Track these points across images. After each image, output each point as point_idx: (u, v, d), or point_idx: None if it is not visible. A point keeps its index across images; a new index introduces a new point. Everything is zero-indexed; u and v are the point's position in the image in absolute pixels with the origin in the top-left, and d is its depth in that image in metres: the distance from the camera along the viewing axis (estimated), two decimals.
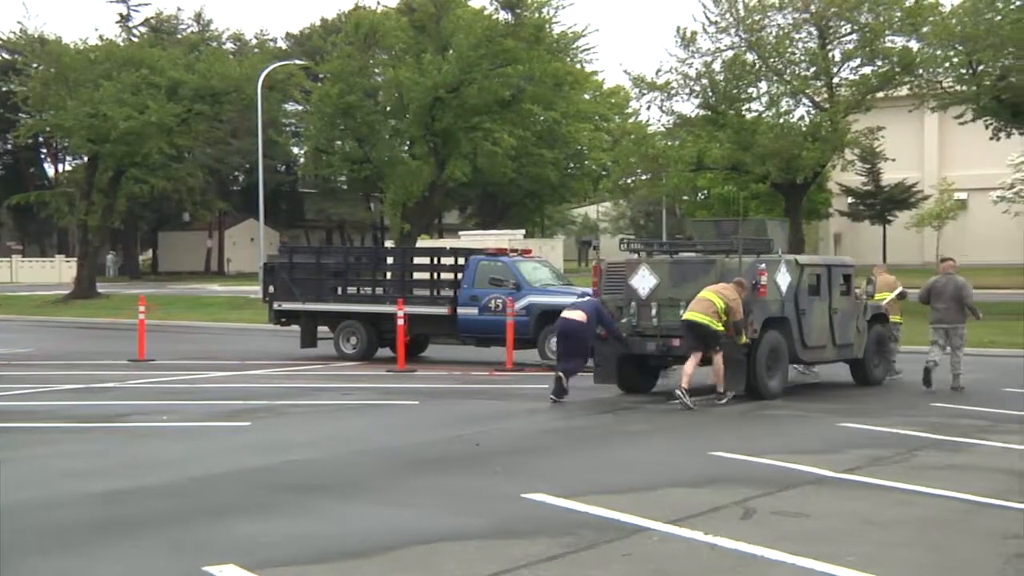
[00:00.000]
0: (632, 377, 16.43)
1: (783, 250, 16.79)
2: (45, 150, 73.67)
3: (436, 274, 22.85)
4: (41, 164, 76.31)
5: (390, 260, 25.64)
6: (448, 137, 39.78)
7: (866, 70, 35.03)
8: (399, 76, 38.17)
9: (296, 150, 69.09)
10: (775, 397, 15.50)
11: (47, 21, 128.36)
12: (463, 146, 41.31)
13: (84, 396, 16.08)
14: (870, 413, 14.12)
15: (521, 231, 60.36)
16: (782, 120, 34.91)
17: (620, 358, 16.11)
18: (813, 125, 34.41)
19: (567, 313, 15.71)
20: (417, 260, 24.33)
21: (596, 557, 7.16)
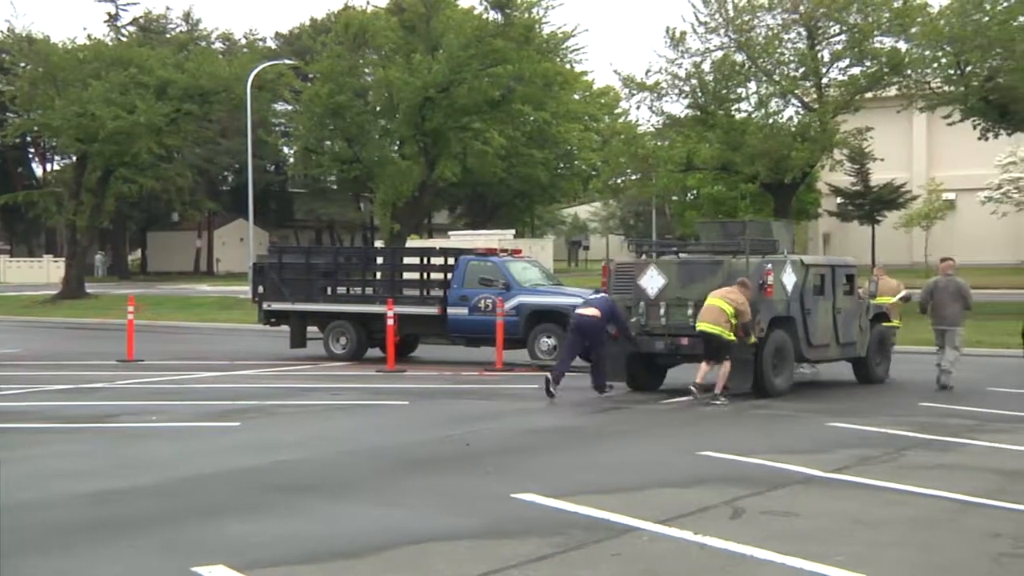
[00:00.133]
0: (640, 375, 16.76)
1: (788, 251, 17.10)
2: (33, 149, 73.46)
3: (426, 274, 22.87)
4: (29, 164, 76.08)
5: (380, 260, 25.66)
6: (438, 137, 39.77)
7: (855, 70, 35.11)
8: (389, 76, 38.14)
9: (286, 150, 68.99)
10: (781, 395, 15.79)
11: (35, 20, 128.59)
12: (453, 146, 41.31)
13: (73, 397, 16.04)
14: (859, 413, 14.16)
15: (511, 231, 60.34)
16: (771, 120, 34.95)
17: (629, 356, 16.43)
18: (802, 125, 34.46)
19: (581, 310, 16.08)
20: (407, 260, 24.33)
21: (586, 557, 7.17)
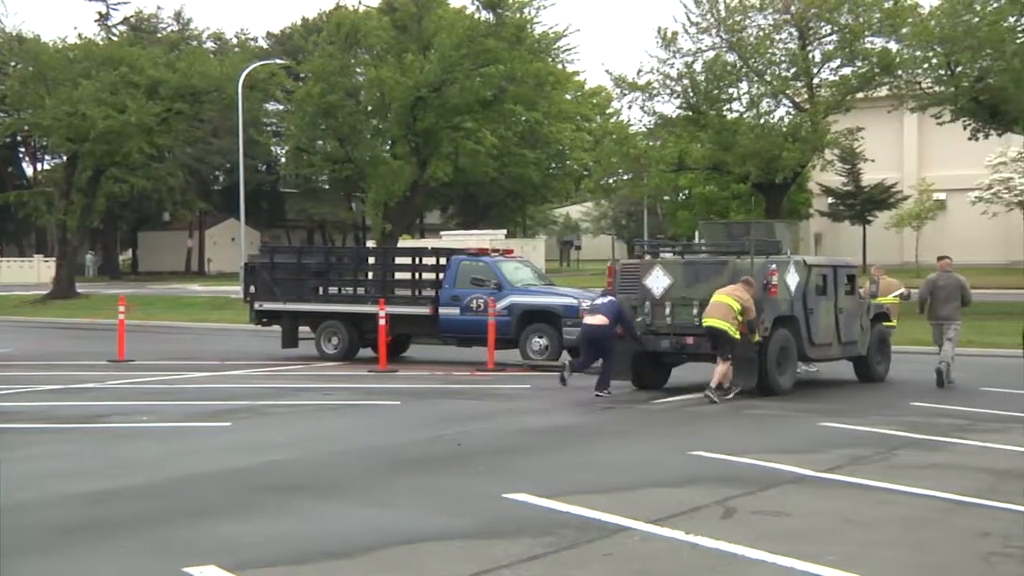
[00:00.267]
0: (645, 374, 16.96)
1: (791, 251, 17.34)
2: (23, 149, 73.26)
3: (417, 274, 22.85)
4: (19, 163, 75.84)
5: (371, 260, 25.63)
6: (430, 137, 39.75)
7: (846, 71, 35.19)
8: (381, 76, 38.10)
9: (277, 150, 68.93)
10: (785, 393, 15.97)
11: (25, 19, 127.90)
12: (444, 146, 41.29)
13: (64, 397, 15.99)
14: (850, 412, 14.18)
15: (503, 231, 60.37)
16: (763, 120, 35.01)
17: (634, 355, 16.62)
18: (793, 126, 34.51)
19: (588, 319, 16.32)
20: (398, 260, 24.33)
21: (577, 557, 7.17)
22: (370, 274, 24.13)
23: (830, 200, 54.98)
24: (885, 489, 9.28)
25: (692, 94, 35.24)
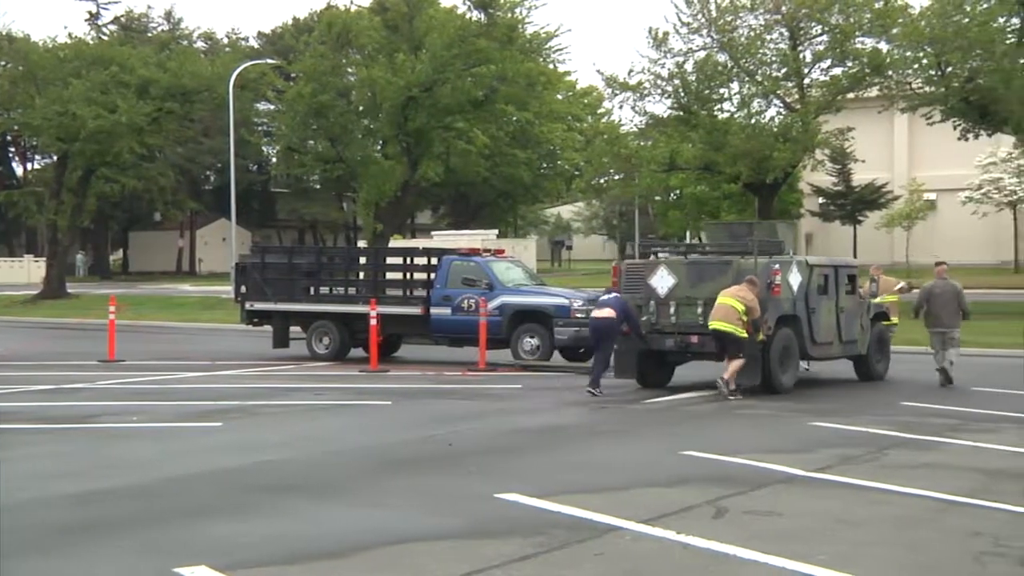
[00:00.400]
0: (649, 372, 17.16)
1: (793, 251, 17.54)
2: (13, 149, 73.00)
3: (409, 274, 22.83)
4: (9, 163, 75.57)
5: (363, 260, 25.60)
6: (421, 137, 39.72)
7: (836, 71, 35.26)
8: (372, 75, 38.06)
9: (268, 149, 68.80)
10: (788, 391, 16.18)
11: (15, 19, 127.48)
12: (436, 146, 41.25)
13: (54, 397, 15.95)
14: (841, 412, 14.21)
15: (494, 231, 60.39)
16: (753, 120, 35.05)
17: (639, 354, 16.82)
18: (784, 126, 34.57)
19: (596, 312, 16.57)
20: (390, 260, 24.32)
21: (569, 557, 7.17)
22: (361, 274, 24.11)
23: (821, 200, 55.12)
24: (876, 489, 9.30)
25: (683, 94, 35.29)
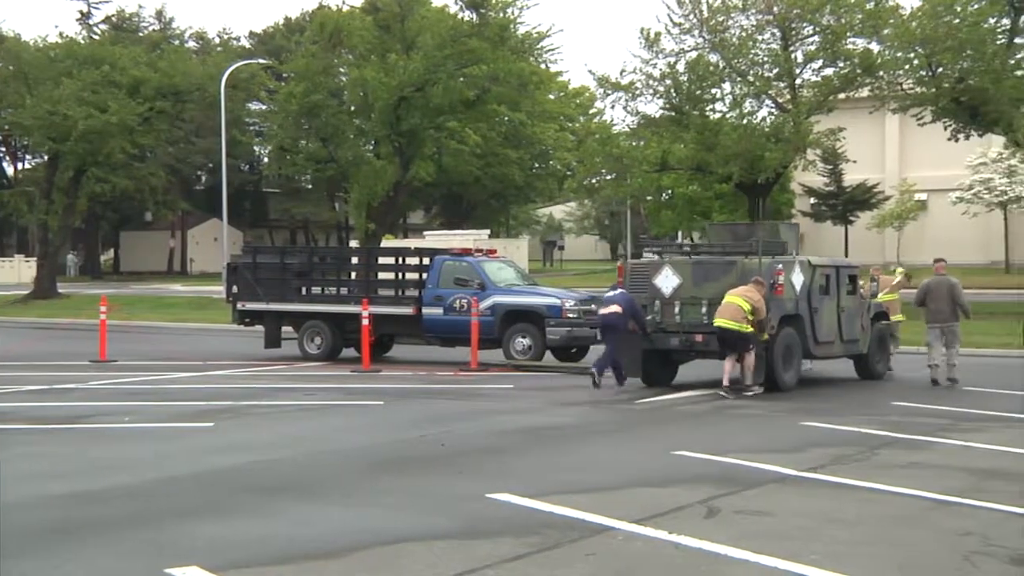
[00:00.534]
0: (654, 371, 17.36)
1: (796, 252, 17.78)
2: (4, 148, 72.79)
3: (401, 274, 22.82)
4: (0, 163, 75.45)
5: (354, 260, 25.59)
6: (413, 137, 39.74)
7: (828, 71, 35.28)
8: (364, 75, 38.07)
9: (260, 149, 68.78)
10: (790, 389, 16.41)
11: (6, 18, 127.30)
12: (428, 146, 41.27)
13: (46, 397, 15.92)
14: (833, 412, 14.24)
15: (486, 231, 60.33)
16: (745, 121, 35.09)
17: (644, 352, 17.01)
18: (776, 126, 34.60)
19: (603, 309, 16.86)
20: (382, 260, 24.31)
21: (561, 557, 7.18)
22: (353, 274, 24.10)
23: (812, 200, 55.17)
24: (867, 488, 9.32)
25: (675, 94, 35.32)
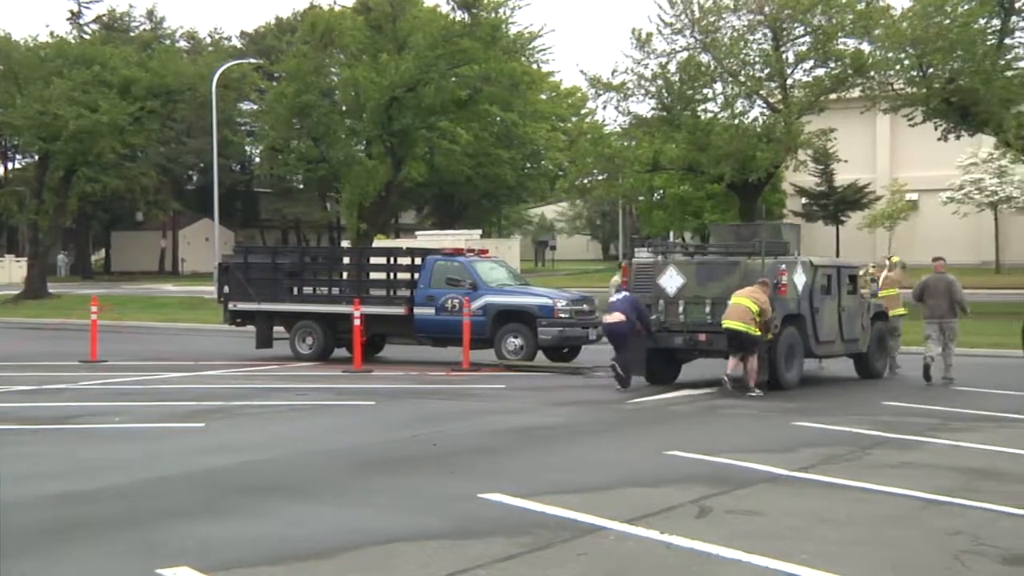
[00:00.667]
0: (658, 370, 17.54)
1: (797, 252, 17.93)
2: None
3: (392, 274, 22.82)
4: None
5: (346, 260, 25.58)
6: (405, 137, 39.69)
7: (819, 72, 35.36)
8: (356, 75, 38.02)
9: (251, 149, 68.65)
10: (792, 388, 16.61)
11: None
12: (420, 146, 41.23)
13: (36, 397, 15.88)
14: (824, 412, 14.27)
15: (478, 231, 60.35)
16: (737, 121, 35.14)
17: (649, 351, 17.21)
18: (767, 126, 34.63)
19: (607, 318, 17.00)
20: (373, 260, 24.29)
21: (552, 557, 7.18)
22: (345, 274, 24.08)
23: (804, 200, 55.29)
24: (858, 488, 9.34)
25: (666, 94, 35.36)
